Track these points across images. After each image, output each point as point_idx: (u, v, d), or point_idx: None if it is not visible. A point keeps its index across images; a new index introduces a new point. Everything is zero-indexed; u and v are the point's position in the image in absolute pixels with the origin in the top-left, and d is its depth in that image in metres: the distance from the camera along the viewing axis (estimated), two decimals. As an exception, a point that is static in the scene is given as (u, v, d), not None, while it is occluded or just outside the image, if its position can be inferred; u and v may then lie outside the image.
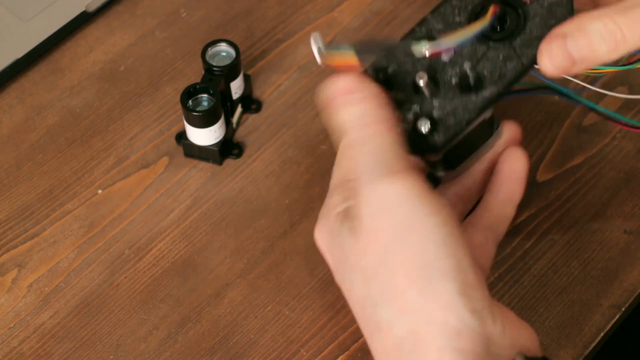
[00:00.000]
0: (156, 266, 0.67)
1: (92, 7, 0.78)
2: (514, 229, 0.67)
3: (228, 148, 0.72)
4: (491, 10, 0.52)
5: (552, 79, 0.56)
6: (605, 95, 0.71)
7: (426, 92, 0.53)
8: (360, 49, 0.52)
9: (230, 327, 0.65)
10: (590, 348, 0.63)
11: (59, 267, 0.68)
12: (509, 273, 0.66)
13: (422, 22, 0.54)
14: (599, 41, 0.47)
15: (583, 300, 0.65)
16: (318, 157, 0.72)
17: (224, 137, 0.71)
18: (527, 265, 0.66)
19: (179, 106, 0.74)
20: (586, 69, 0.49)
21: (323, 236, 0.50)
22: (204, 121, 0.69)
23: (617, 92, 0.74)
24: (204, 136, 0.70)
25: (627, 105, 0.74)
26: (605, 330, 0.64)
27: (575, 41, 0.48)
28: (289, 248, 0.68)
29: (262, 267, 0.67)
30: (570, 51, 0.48)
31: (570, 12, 0.51)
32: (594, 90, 0.63)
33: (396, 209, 0.46)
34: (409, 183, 0.46)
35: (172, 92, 0.75)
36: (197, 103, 0.70)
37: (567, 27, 0.49)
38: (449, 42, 0.51)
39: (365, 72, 0.54)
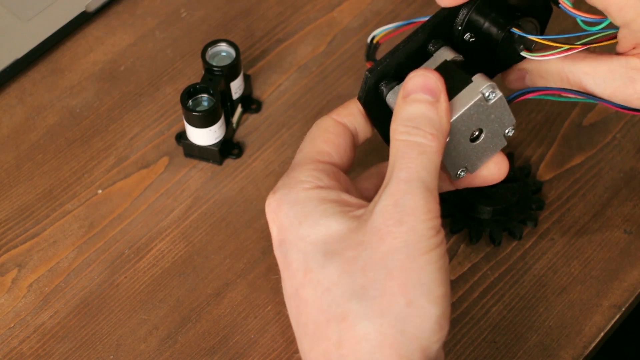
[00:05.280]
0: (156, 266, 0.67)
1: (92, 7, 0.78)
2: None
3: (228, 148, 0.72)
4: None
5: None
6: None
7: None
8: None
9: (230, 327, 0.65)
10: (590, 348, 0.63)
11: (59, 267, 0.68)
12: (509, 273, 0.66)
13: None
14: (551, 85, 0.58)
15: (583, 300, 0.65)
16: (318, 157, 0.72)
17: (224, 137, 0.71)
18: (527, 265, 0.66)
19: (179, 106, 0.74)
20: None
21: (286, 204, 0.50)
22: (204, 121, 0.69)
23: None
24: (204, 136, 0.70)
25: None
26: (605, 330, 0.64)
27: (532, 80, 0.58)
28: (289, 248, 0.68)
29: (262, 267, 0.67)
30: (526, 83, 0.59)
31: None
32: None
33: (414, 224, 0.48)
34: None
35: (172, 92, 0.75)
36: (197, 103, 0.70)
37: (532, 66, 0.58)
38: None
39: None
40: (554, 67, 0.57)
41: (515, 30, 0.57)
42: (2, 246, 0.68)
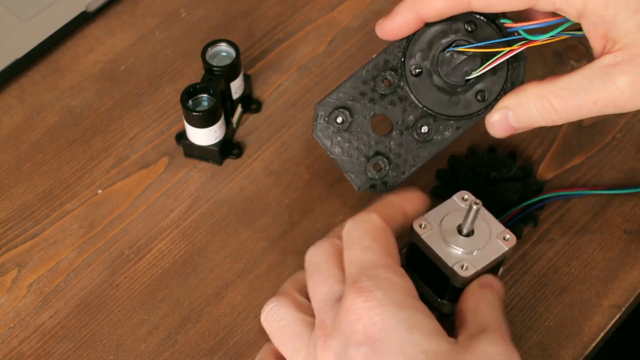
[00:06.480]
0: (156, 266, 0.67)
1: (92, 7, 0.78)
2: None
3: (228, 148, 0.72)
4: None
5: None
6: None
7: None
8: None
9: (230, 327, 0.65)
10: (591, 348, 0.63)
11: (59, 267, 0.68)
12: (509, 273, 0.66)
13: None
14: (536, 117, 0.57)
15: (583, 300, 0.65)
16: (318, 157, 0.72)
17: (224, 137, 0.71)
18: (527, 265, 0.66)
19: (179, 106, 0.74)
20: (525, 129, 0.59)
21: (394, 305, 0.52)
22: (204, 121, 0.69)
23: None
24: (204, 136, 0.70)
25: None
26: (605, 330, 0.64)
27: (516, 115, 0.58)
28: (289, 248, 0.68)
29: (262, 267, 0.67)
30: (511, 123, 0.58)
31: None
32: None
33: None
34: None
35: (172, 92, 0.75)
36: (197, 103, 0.70)
37: (510, 101, 0.58)
38: None
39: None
40: (532, 92, 0.57)
41: (450, 48, 0.58)
42: (2, 246, 0.68)
